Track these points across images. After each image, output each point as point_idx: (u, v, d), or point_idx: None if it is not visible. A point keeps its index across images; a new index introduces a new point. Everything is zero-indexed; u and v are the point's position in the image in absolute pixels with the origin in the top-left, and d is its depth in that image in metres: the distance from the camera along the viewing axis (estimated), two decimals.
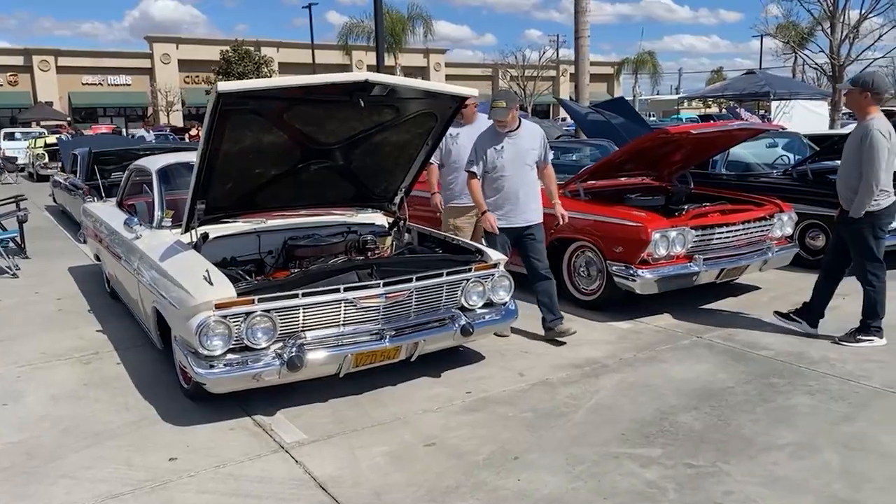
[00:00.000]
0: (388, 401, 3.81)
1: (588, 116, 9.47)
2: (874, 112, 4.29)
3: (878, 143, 4.19)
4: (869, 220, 4.35)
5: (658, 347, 4.62)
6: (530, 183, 4.70)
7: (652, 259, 5.05)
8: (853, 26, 15.11)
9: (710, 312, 5.41)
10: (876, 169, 4.19)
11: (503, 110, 4.48)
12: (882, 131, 4.20)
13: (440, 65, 50.97)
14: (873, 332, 4.53)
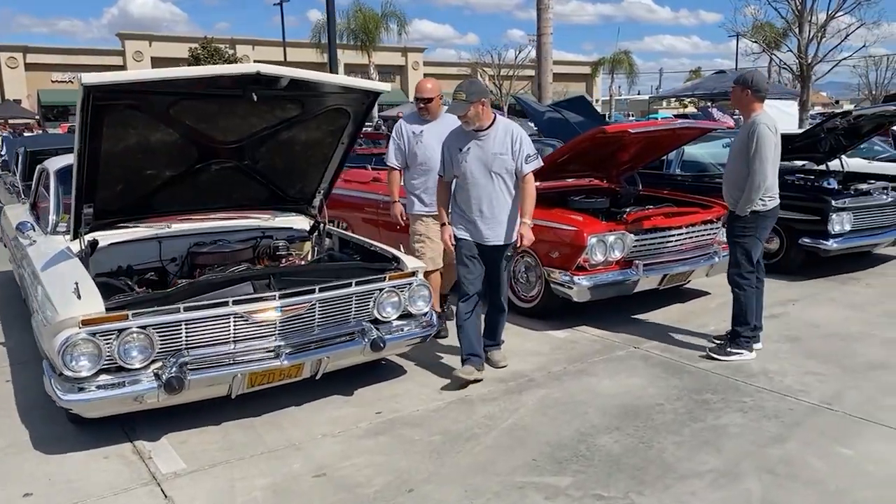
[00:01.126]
0: (288, 424, 3.49)
1: (545, 115, 9.20)
2: (759, 109, 4.14)
3: (766, 138, 4.01)
4: (754, 221, 4.14)
5: (591, 359, 4.35)
6: (498, 195, 3.84)
7: (589, 265, 4.78)
8: (821, 26, 15.06)
9: (653, 320, 5.15)
10: (763, 161, 3.99)
11: (460, 104, 3.70)
12: (769, 126, 4.04)
13: (418, 63, 50.61)
14: (743, 343, 4.26)
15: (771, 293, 5.76)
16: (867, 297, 5.63)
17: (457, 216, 3.97)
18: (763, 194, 4.07)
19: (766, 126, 4.02)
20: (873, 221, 6.28)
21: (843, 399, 3.66)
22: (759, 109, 4.14)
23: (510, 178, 3.86)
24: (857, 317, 5.11)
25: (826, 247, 6.02)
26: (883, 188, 6.43)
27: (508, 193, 3.88)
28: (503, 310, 4.13)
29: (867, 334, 4.70)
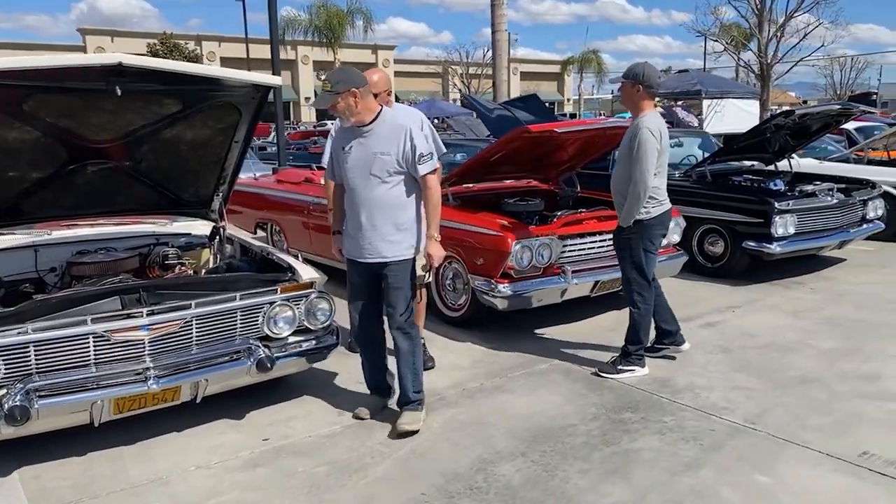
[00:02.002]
0: (160, 454, 3.15)
1: (494, 113, 8.92)
2: (648, 108, 3.83)
3: (647, 143, 3.68)
4: (638, 231, 3.84)
5: (511, 373, 4.07)
6: (379, 203, 3.18)
7: (515, 272, 4.50)
8: (780, 25, 15.03)
9: (583, 330, 4.88)
10: (644, 171, 3.69)
11: (326, 96, 3.11)
12: (652, 129, 3.71)
13: (388, 61, 50.20)
14: (635, 360, 4.00)
15: (711, 300, 5.59)
16: (809, 303, 5.44)
17: (345, 229, 3.41)
18: (649, 201, 3.78)
19: (648, 130, 3.70)
20: (818, 224, 6.11)
21: (769, 418, 3.42)
22: (649, 108, 3.83)
23: (399, 183, 3.17)
24: (796, 325, 4.91)
25: (769, 250, 5.82)
26: (829, 189, 6.26)
27: (395, 201, 3.17)
28: (403, 349, 3.29)
29: (803, 344, 4.49)
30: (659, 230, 3.95)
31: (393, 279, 3.22)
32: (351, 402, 3.63)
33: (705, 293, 5.79)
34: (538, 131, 4.74)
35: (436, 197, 3.23)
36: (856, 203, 6.44)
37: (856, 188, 6.58)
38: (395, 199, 3.18)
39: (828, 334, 4.69)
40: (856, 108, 6.60)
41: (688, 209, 6.26)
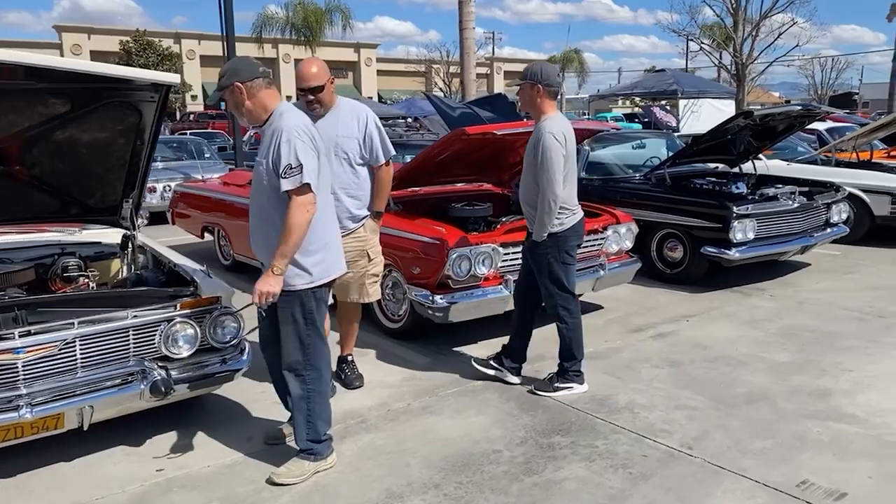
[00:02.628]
0: (42, 487, 2.87)
1: (457, 112, 8.68)
2: (550, 110, 3.55)
3: (551, 149, 3.40)
4: (554, 243, 3.58)
5: (443, 391, 3.81)
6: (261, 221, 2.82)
7: (453, 282, 4.25)
8: (755, 24, 14.91)
9: (535, 340, 4.61)
10: (551, 179, 3.42)
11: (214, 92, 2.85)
12: (555, 134, 3.44)
13: (371, 59, 49.83)
14: (572, 376, 3.76)
15: (667, 308, 5.37)
16: (767, 312, 5.23)
17: None
18: (560, 210, 3.54)
19: (551, 135, 3.43)
20: (780, 229, 5.91)
21: (708, 441, 3.19)
22: (551, 111, 3.55)
23: (272, 196, 2.66)
24: (751, 336, 4.69)
25: (728, 256, 5.61)
26: (791, 193, 6.07)
27: (270, 218, 2.71)
28: (293, 394, 2.84)
29: (755, 357, 4.27)
30: (574, 240, 3.71)
31: (279, 312, 2.78)
32: (264, 427, 3.36)
33: (662, 301, 5.57)
34: (475, 133, 4.49)
35: (294, 220, 2.58)
36: (819, 207, 6.25)
37: (819, 191, 6.40)
38: (269, 215, 2.71)
39: (782, 346, 4.48)
40: (818, 108, 6.41)
41: (646, 213, 6.08)
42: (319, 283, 2.77)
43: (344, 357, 3.94)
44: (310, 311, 2.77)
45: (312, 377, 2.84)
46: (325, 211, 2.80)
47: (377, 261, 3.72)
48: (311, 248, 2.73)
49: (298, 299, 2.76)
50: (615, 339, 4.68)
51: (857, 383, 3.82)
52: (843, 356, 4.25)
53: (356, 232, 3.56)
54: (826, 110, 7.19)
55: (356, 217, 3.55)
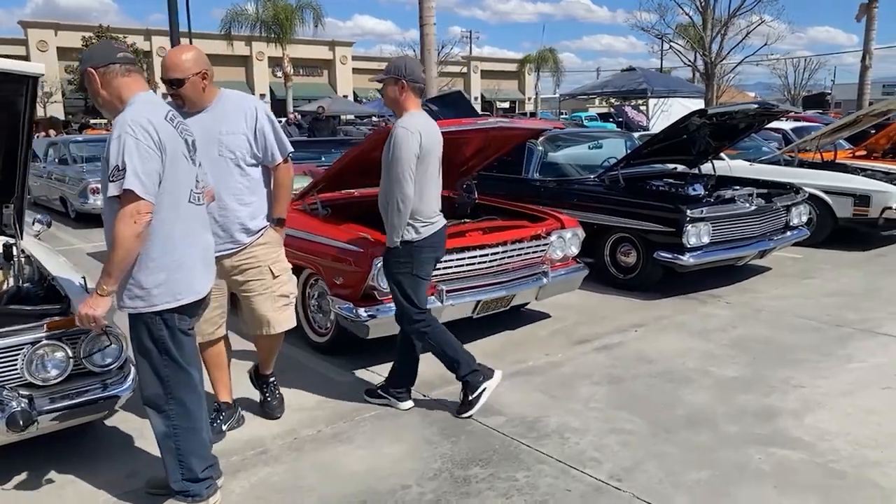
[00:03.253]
0: None
1: None
2: (413, 106, 3.30)
3: (401, 145, 3.14)
4: (406, 254, 3.29)
5: (360, 415, 3.48)
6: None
7: (379, 293, 3.92)
8: (723, 23, 14.77)
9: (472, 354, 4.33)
10: (399, 179, 3.15)
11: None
12: (409, 128, 3.19)
13: (346, 58, 49.33)
14: (475, 380, 3.43)
15: (616, 317, 5.10)
16: (721, 321, 4.97)
17: None
18: (415, 218, 3.26)
19: (405, 130, 3.17)
20: (736, 232, 5.66)
21: (639, 473, 2.90)
22: (415, 107, 3.31)
23: (108, 206, 2.32)
24: (700, 348, 4.43)
25: (682, 262, 5.35)
26: (748, 195, 5.82)
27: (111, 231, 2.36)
28: (155, 430, 2.52)
29: (702, 372, 4.00)
30: (429, 253, 3.37)
31: (130, 339, 2.48)
32: (152, 463, 3.00)
33: (612, 309, 5.29)
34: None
35: (119, 234, 2.21)
36: (778, 209, 6.02)
37: (778, 193, 6.16)
38: (110, 226, 2.31)
39: (732, 359, 4.21)
40: (776, 107, 6.19)
41: (598, 216, 5.81)
42: (165, 308, 2.37)
43: (265, 378, 3.48)
44: (161, 340, 2.40)
45: (177, 412, 2.47)
46: (180, 223, 2.39)
47: (283, 279, 3.18)
48: (151, 265, 2.33)
49: (143, 325, 2.39)
50: (557, 351, 4.39)
51: (806, 402, 3.56)
52: (795, 370, 3.99)
53: (252, 246, 3.08)
54: (785, 109, 6.97)
55: (251, 228, 3.06)
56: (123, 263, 2.27)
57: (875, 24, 19.51)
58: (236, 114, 3.01)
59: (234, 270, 3.09)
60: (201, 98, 2.92)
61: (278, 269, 3.16)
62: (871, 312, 5.08)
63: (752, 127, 6.60)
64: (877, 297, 5.51)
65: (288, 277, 3.23)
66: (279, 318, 3.18)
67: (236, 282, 3.13)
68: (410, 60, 3.42)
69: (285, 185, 3.13)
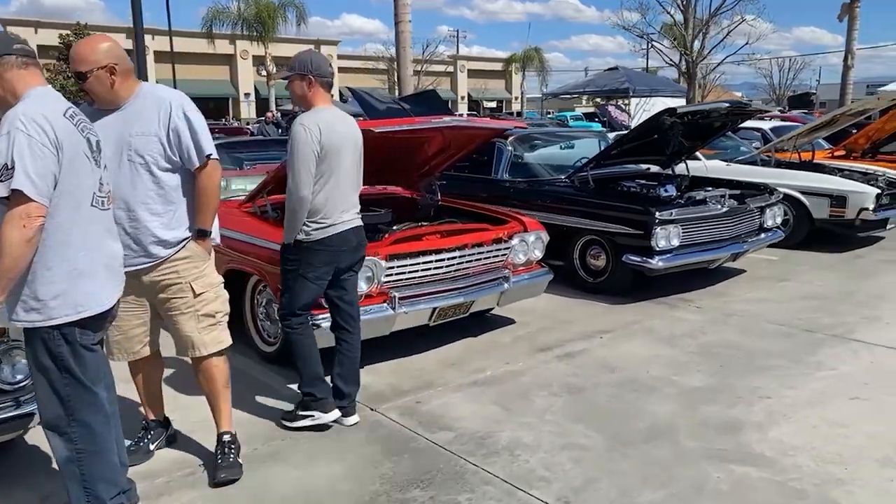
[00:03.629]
0: None
1: (383, 107, 8.15)
2: (321, 102, 3.17)
3: (297, 143, 3.01)
4: (298, 254, 3.16)
5: (299, 432, 3.27)
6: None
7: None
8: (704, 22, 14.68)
9: (421, 364, 4.14)
10: (295, 179, 3.01)
11: None
12: (308, 125, 3.04)
13: (332, 56, 48.84)
14: (311, 403, 3.29)
15: (582, 322, 4.93)
16: (690, 326, 4.81)
17: None
18: (312, 219, 3.11)
19: (302, 127, 3.03)
20: (707, 235, 5.50)
21: (590, 492, 2.72)
22: (323, 103, 3.17)
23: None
24: (667, 355, 4.26)
25: (651, 265, 5.18)
26: (720, 196, 5.67)
27: None
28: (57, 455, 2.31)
29: (666, 381, 3.83)
30: (324, 257, 3.18)
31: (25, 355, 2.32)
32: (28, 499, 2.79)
33: (580, 314, 5.12)
34: None
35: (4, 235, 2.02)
36: (751, 211, 5.87)
37: (752, 194, 6.02)
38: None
39: (699, 367, 4.05)
40: (748, 106, 6.04)
41: (567, 218, 5.65)
42: (64, 322, 2.16)
43: (218, 436, 2.94)
44: (60, 357, 2.18)
45: (80, 435, 2.25)
46: (79, 228, 2.17)
47: (208, 296, 2.82)
48: (48, 274, 2.12)
49: (40, 340, 2.18)
50: (518, 359, 4.21)
51: (771, 413, 3.40)
52: (763, 379, 3.83)
53: (172, 260, 2.73)
54: (759, 108, 6.83)
55: (167, 241, 2.71)
56: (12, 272, 2.06)
57: (857, 24, 19.54)
58: (150, 112, 2.68)
59: (153, 287, 2.78)
60: (109, 94, 2.64)
61: (201, 285, 2.80)
62: (844, 317, 4.94)
63: (726, 126, 6.46)
64: (851, 301, 5.38)
65: (215, 294, 2.86)
66: (205, 339, 2.83)
67: (159, 300, 2.82)
68: (316, 55, 3.26)
69: (207, 192, 2.75)
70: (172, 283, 2.77)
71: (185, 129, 2.67)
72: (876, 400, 3.54)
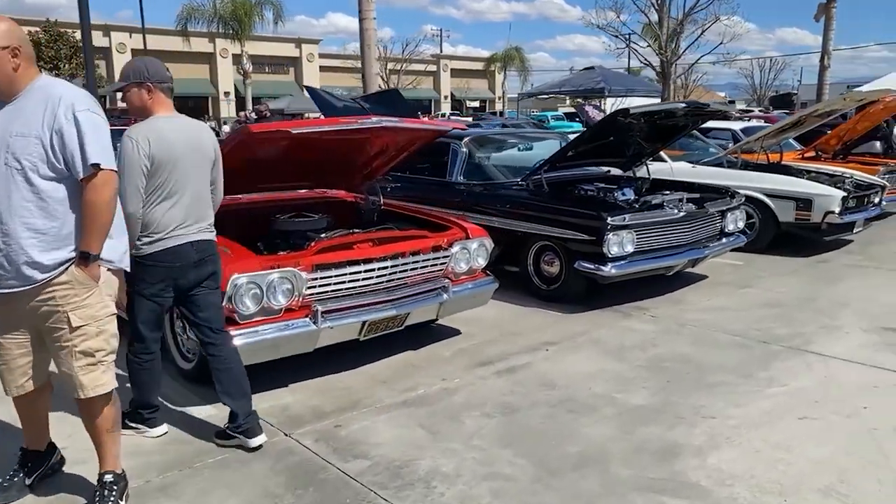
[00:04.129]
0: None
1: (341, 105, 7.86)
2: (162, 110, 2.96)
3: (124, 155, 2.80)
4: (135, 270, 2.86)
5: (203, 460, 3.00)
6: None
7: (239, 317, 3.45)
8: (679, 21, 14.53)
9: (349, 382, 3.88)
10: (123, 193, 2.72)
11: None
12: (135, 138, 2.83)
13: (313, 55, 48.55)
14: (138, 416, 3.20)
15: (530, 334, 4.70)
16: (641, 337, 4.59)
17: None
18: (144, 233, 2.90)
19: (128, 139, 2.83)
20: (663, 240, 5.28)
21: None
22: (164, 110, 2.96)
23: None
24: (613, 369, 4.03)
25: (603, 273, 4.96)
26: (678, 200, 5.46)
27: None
28: None
29: (607, 400, 3.60)
30: (158, 273, 2.95)
31: None
32: None
33: (530, 324, 4.89)
34: (263, 131, 3.71)
35: None
36: (711, 215, 5.66)
37: (713, 198, 5.81)
38: None
39: (644, 383, 3.82)
40: (708, 106, 5.83)
41: (520, 223, 5.41)
42: None
43: (100, 475, 2.63)
44: None
45: None
46: None
47: (88, 331, 2.43)
48: None
49: None
50: (455, 375, 3.96)
51: (713, 436, 3.18)
52: (709, 397, 3.61)
53: (53, 285, 2.38)
54: (719, 108, 6.63)
55: (43, 264, 2.34)
56: None
57: (833, 25, 19.48)
58: (35, 109, 2.34)
59: (33, 314, 2.43)
60: (8, 82, 2.32)
61: (80, 317, 2.42)
62: (802, 326, 4.75)
63: (687, 127, 6.25)
64: (811, 309, 5.19)
65: (97, 330, 2.46)
66: (84, 381, 2.46)
67: (41, 330, 2.48)
68: (151, 60, 3.03)
69: (93, 209, 2.36)
70: (51, 312, 2.42)
71: (70, 131, 2.31)
72: (825, 420, 3.33)
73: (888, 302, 5.34)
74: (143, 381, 3.15)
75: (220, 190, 3.24)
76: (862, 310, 5.14)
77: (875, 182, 7.73)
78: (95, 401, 2.54)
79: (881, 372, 3.93)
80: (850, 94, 9.37)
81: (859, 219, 7.12)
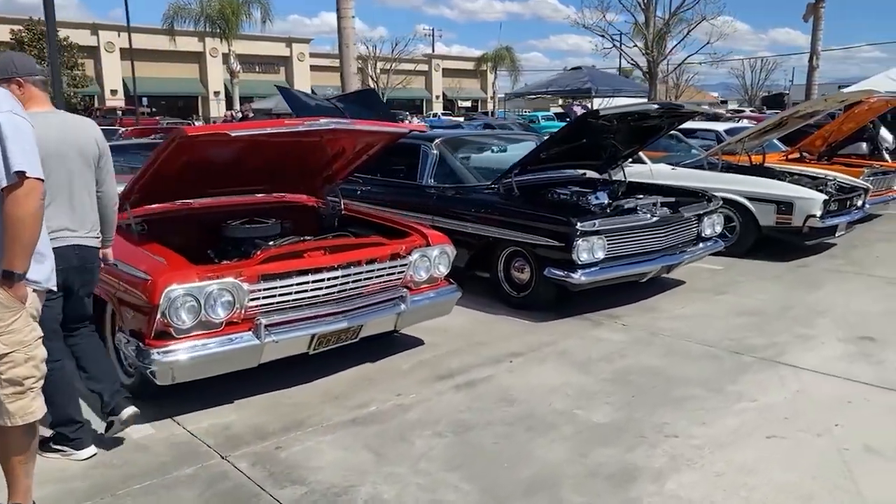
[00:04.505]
0: None
1: (314, 104, 7.68)
2: (37, 105, 2.82)
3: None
4: None
5: (129, 486, 2.80)
6: None
7: (175, 331, 3.25)
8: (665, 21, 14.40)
9: (309, 396, 3.69)
10: None
11: None
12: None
13: (304, 55, 48.35)
14: (59, 438, 2.98)
15: (498, 343, 4.52)
16: (609, 348, 4.42)
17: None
18: None
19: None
20: (636, 246, 5.11)
21: None
22: (42, 105, 2.84)
23: None
24: (577, 382, 3.86)
25: (573, 280, 4.77)
26: (652, 204, 5.28)
27: None
28: None
29: (567, 417, 3.42)
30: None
31: None
32: None
33: (495, 333, 4.71)
34: (198, 134, 3.51)
35: None
36: (686, 219, 5.48)
37: (689, 202, 5.64)
38: None
39: (608, 398, 3.65)
40: (682, 107, 5.67)
41: (489, 228, 5.24)
42: None
43: None
44: None
45: None
46: None
47: (15, 359, 2.30)
48: None
49: None
50: (411, 390, 3.77)
51: (675, 458, 3.00)
52: (674, 413, 3.44)
53: None
54: (694, 110, 6.47)
55: None
56: None
57: (822, 25, 19.42)
58: None
59: None
60: None
61: (5, 344, 2.27)
62: (776, 336, 4.58)
63: (664, 129, 6.08)
64: (787, 317, 5.02)
65: (24, 356, 2.32)
66: (12, 409, 2.32)
67: None
68: (18, 55, 2.94)
69: (15, 222, 2.20)
70: None
71: None
72: (793, 439, 3.16)
73: (865, 310, 5.19)
74: (53, 393, 2.78)
75: (111, 192, 3.10)
76: (839, 318, 4.98)
77: (858, 185, 7.58)
78: (18, 430, 2.36)
79: (855, 385, 3.76)
80: (832, 95, 9.23)
81: (842, 222, 6.97)
